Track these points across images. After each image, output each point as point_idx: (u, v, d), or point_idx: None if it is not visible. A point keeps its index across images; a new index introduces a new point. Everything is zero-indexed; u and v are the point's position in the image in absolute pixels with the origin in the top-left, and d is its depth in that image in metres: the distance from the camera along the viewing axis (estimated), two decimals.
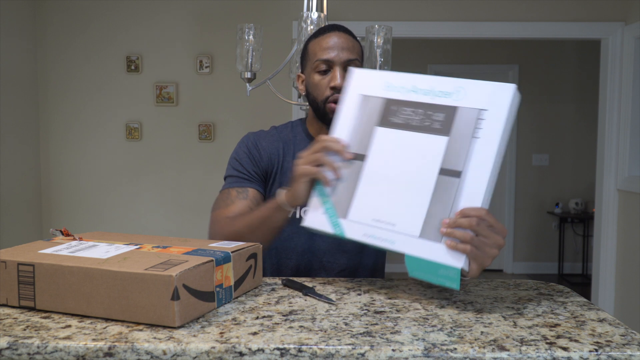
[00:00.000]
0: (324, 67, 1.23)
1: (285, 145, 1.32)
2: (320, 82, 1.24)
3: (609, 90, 3.27)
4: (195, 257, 0.85)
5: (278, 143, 1.32)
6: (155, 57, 3.24)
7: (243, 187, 1.28)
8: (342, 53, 1.23)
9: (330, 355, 0.72)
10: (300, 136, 1.34)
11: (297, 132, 1.35)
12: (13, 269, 0.85)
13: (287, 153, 1.31)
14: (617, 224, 3.30)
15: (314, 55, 1.25)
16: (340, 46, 1.23)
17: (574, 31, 3.21)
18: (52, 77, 3.25)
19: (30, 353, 0.72)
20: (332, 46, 1.23)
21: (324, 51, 1.23)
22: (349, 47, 1.24)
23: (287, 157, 1.31)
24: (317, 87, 1.25)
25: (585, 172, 5.15)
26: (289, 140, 1.33)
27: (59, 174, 3.29)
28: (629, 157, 3.18)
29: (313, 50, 1.26)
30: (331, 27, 1.27)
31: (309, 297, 0.96)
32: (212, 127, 3.24)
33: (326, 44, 1.24)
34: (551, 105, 5.22)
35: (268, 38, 3.08)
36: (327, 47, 1.23)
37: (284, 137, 1.34)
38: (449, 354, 0.72)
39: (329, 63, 1.23)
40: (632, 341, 0.76)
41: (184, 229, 3.29)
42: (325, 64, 1.23)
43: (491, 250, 0.88)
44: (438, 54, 5.20)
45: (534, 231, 5.32)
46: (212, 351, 0.72)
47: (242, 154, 1.30)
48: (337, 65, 1.23)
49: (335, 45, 1.23)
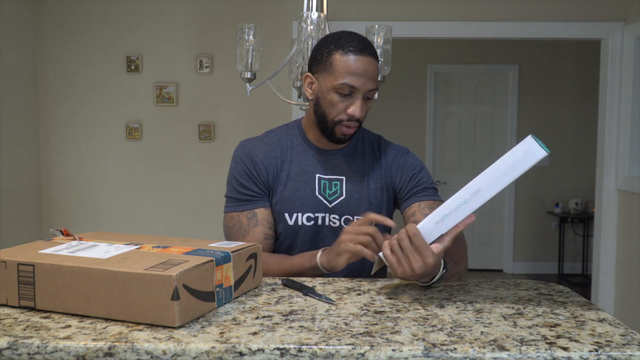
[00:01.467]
0: (347, 92, 1.20)
1: (283, 152, 1.31)
2: (338, 103, 1.22)
3: (609, 90, 3.27)
4: (195, 257, 0.85)
5: (274, 151, 1.31)
6: (155, 57, 3.24)
7: (250, 209, 1.27)
8: (368, 83, 1.20)
9: (330, 355, 0.72)
10: (298, 140, 1.33)
11: (293, 136, 1.34)
12: (13, 269, 0.85)
13: (285, 160, 1.30)
14: (617, 224, 3.30)
15: (340, 73, 1.19)
16: (368, 75, 1.20)
17: (574, 31, 3.21)
18: (52, 77, 3.25)
19: (30, 353, 0.72)
20: (362, 73, 1.19)
21: (353, 76, 1.19)
22: (374, 76, 1.22)
23: (285, 164, 1.30)
24: (333, 106, 1.22)
25: (585, 172, 5.15)
26: (287, 146, 1.32)
27: (59, 174, 3.29)
28: (629, 157, 3.18)
29: (340, 66, 1.20)
30: (364, 47, 1.21)
31: (309, 297, 0.96)
32: (212, 127, 3.24)
33: (357, 68, 1.19)
34: (551, 105, 5.22)
35: (268, 38, 3.09)
36: (356, 72, 1.19)
37: (280, 143, 1.32)
38: (449, 354, 0.72)
39: (354, 90, 1.20)
40: (632, 341, 0.76)
41: (184, 229, 3.29)
42: (349, 89, 1.20)
43: (400, 267, 0.96)
44: (438, 54, 5.20)
45: (534, 231, 5.32)
46: (212, 351, 0.72)
47: (241, 172, 1.29)
48: (360, 94, 1.21)
49: (365, 73, 1.20)
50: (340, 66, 1.19)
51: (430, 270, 0.95)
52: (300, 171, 1.29)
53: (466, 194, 0.93)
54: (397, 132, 5.20)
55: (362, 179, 1.31)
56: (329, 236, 1.29)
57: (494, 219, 5.34)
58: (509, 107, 5.24)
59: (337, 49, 1.21)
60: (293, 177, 1.29)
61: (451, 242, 0.96)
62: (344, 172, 1.31)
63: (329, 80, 1.21)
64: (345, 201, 1.29)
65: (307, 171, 1.29)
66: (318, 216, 1.28)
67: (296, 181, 1.28)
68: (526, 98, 5.22)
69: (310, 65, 1.28)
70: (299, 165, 1.30)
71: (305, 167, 1.30)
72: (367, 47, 1.21)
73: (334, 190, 1.29)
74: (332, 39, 1.23)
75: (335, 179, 1.30)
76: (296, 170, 1.29)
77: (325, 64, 1.22)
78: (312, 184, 1.28)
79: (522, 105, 5.22)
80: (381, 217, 1.10)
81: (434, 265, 0.95)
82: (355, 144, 1.34)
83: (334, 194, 1.29)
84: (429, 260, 0.93)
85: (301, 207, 1.27)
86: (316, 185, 1.29)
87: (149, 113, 3.26)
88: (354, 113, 1.21)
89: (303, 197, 1.27)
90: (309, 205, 1.27)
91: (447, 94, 5.29)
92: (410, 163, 1.34)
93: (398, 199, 1.34)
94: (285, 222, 1.28)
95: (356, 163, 1.32)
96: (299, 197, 1.27)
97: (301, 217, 1.27)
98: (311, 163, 1.30)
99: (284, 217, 1.28)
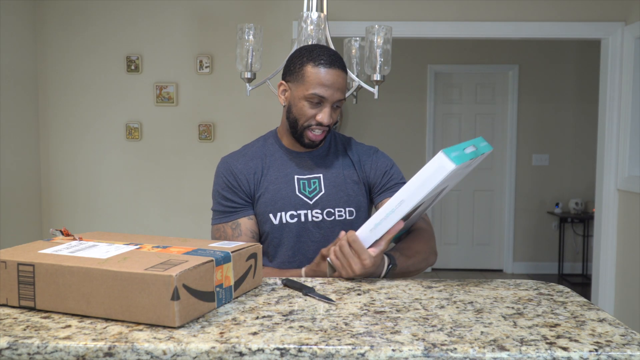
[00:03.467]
0: (317, 101, 1.31)
1: (261, 160, 1.41)
2: (308, 110, 1.32)
3: (609, 90, 3.27)
4: (195, 257, 0.85)
5: (253, 161, 1.40)
6: (155, 57, 3.24)
7: (233, 220, 1.37)
8: (336, 93, 1.31)
9: (330, 355, 0.72)
10: (274, 148, 1.43)
11: (270, 144, 1.44)
12: (13, 269, 0.85)
13: (264, 167, 1.40)
14: (617, 224, 3.30)
15: (310, 84, 1.30)
16: (337, 86, 1.31)
17: (574, 31, 3.21)
18: (52, 77, 3.25)
19: (30, 353, 0.72)
20: (331, 85, 1.30)
21: (323, 87, 1.30)
22: (343, 87, 1.33)
23: (265, 170, 1.39)
24: (303, 114, 1.33)
25: (585, 172, 5.15)
26: (264, 155, 1.42)
27: (59, 174, 3.29)
28: (629, 157, 3.18)
29: (311, 77, 1.30)
30: (333, 60, 1.31)
31: (309, 297, 0.96)
32: (212, 127, 3.24)
33: (326, 80, 1.30)
34: (551, 105, 5.22)
35: (268, 38, 3.08)
36: (326, 84, 1.30)
37: (258, 152, 1.42)
38: (449, 354, 0.72)
39: (323, 100, 1.31)
40: (632, 341, 0.76)
41: (184, 229, 3.28)
42: (319, 99, 1.31)
43: (344, 270, 1.11)
44: (438, 54, 5.20)
45: (534, 231, 5.32)
46: (212, 351, 0.72)
47: (222, 185, 1.39)
48: (329, 103, 1.32)
49: (333, 85, 1.30)
50: (312, 77, 1.30)
51: (370, 270, 1.10)
52: (279, 174, 1.39)
53: (392, 205, 1.05)
54: (397, 132, 5.20)
55: (338, 174, 1.41)
56: (312, 230, 1.37)
57: (493, 219, 5.34)
58: (509, 107, 5.24)
59: (309, 61, 1.32)
60: (273, 180, 1.38)
61: (386, 245, 1.10)
62: (320, 170, 1.41)
63: (301, 89, 1.32)
64: (325, 196, 1.38)
65: (286, 174, 1.39)
66: (300, 213, 1.37)
67: (276, 184, 1.37)
68: (526, 98, 5.21)
69: (285, 74, 1.39)
70: (278, 169, 1.40)
71: (283, 170, 1.39)
72: (337, 61, 1.32)
73: (313, 187, 1.38)
74: (305, 51, 1.34)
75: (313, 177, 1.40)
76: (275, 175, 1.39)
77: (297, 74, 1.33)
78: (291, 185, 1.38)
79: (522, 105, 5.22)
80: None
81: (373, 266, 1.10)
82: (328, 145, 1.45)
83: (313, 191, 1.38)
84: (366, 263, 1.08)
85: (283, 206, 1.36)
86: (295, 185, 1.38)
87: (149, 113, 3.26)
88: (322, 120, 1.32)
89: (285, 197, 1.36)
90: (291, 204, 1.36)
91: (447, 94, 5.29)
92: (382, 161, 1.45)
93: (372, 193, 1.45)
94: (270, 222, 1.37)
95: (330, 161, 1.42)
96: (280, 197, 1.36)
97: (285, 216, 1.36)
98: (288, 166, 1.40)
99: (269, 217, 1.36)
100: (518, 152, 5.25)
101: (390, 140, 5.17)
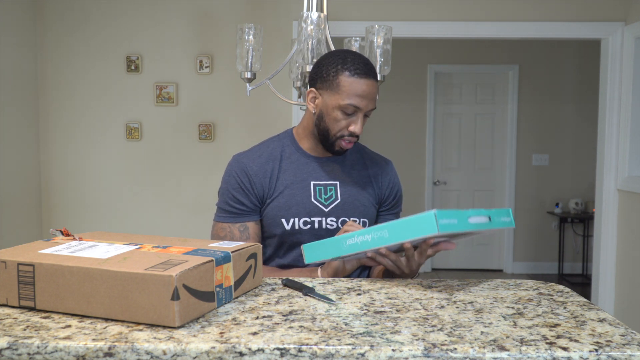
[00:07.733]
0: (351, 111, 1.28)
1: (276, 162, 1.37)
2: (342, 120, 1.29)
3: (609, 90, 3.27)
4: (195, 257, 0.85)
5: (268, 163, 1.36)
6: (155, 57, 3.24)
7: (242, 222, 1.34)
8: (370, 103, 1.29)
9: (330, 355, 0.72)
10: (290, 150, 1.39)
11: (286, 146, 1.39)
12: (13, 269, 0.85)
13: (280, 169, 1.36)
14: (617, 224, 3.30)
15: (346, 94, 1.26)
16: (371, 96, 1.28)
17: (574, 31, 3.21)
18: (52, 77, 3.25)
19: (30, 353, 0.72)
20: (367, 95, 1.27)
21: (358, 98, 1.26)
22: (375, 97, 1.31)
23: (280, 173, 1.35)
24: (337, 123, 1.29)
25: (585, 172, 5.15)
26: (280, 157, 1.38)
27: (59, 174, 3.29)
28: (629, 157, 3.18)
29: (347, 87, 1.26)
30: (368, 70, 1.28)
31: (309, 297, 0.96)
32: (212, 127, 3.24)
33: (362, 90, 1.26)
34: (551, 105, 5.22)
35: (268, 38, 3.09)
36: (361, 95, 1.26)
37: (273, 154, 1.38)
38: (449, 354, 0.72)
39: (357, 110, 1.28)
40: (632, 341, 0.76)
41: (184, 229, 3.28)
42: (353, 109, 1.28)
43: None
44: (438, 54, 5.20)
45: (534, 231, 5.32)
46: (212, 351, 0.72)
47: (234, 185, 1.34)
48: (362, 112, 1.29)
49: (368, 95, 1.28)
50: (347, 87, 1.26)
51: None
52: (295, 179, 1.35)
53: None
54: (397, 132, 5.21)
55: (354, 183, 1.38)
56: (325, 237, 1.32)
57: None
58: (509, 107, 5.24)
59: (344, 70, 1.27)
60: (288, 184, 1.34)
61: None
62: (337, 178, 1.37)
63: (335, 99, 1.28)
64: (341, 204, 1.35)
65: (302, 179, 1.35)
66: (315, 220, 1.33)
67: (292, 188, 1.34)
68: (526, 98, 5.22)
69: (314, 80, 1.33)
70: (294, 173, 1.36)
71: (299, 175, 1.35)
72: (371, 70, 1.29)
73: (329, 194, 1.35)
74: (338, 58, 1.29)
75: (330, 184, 1.36)
76: (291, 179, 1.35)
77: (331, 82, 1.28)
78: (307, 191, 1.34)
79: (522, 105, 5.22)
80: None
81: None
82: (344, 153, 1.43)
83: (329, 199, 1.35)
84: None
85: (297, 212, 1.32)
86: (312, 191, 1.34)
87: (149, 113, 3.26)
88: (355, 130, 1.29)
89: (299, 203, 1.33)
90: (305, 211, 1.33)
91: (447, 94, 5.29)
92: (396, 178, 1.46)
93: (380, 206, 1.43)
94: (282, 227, 1.33)
95: (347, 169, 1.39)
96: (295, 203, 1.33)
97: (298, 222, 1.32)
98: (305, 171, 1.36)
99: (280, 222, 1.33)
100: (518, 152, 5.26)
101: (390, 140, 5.18)
